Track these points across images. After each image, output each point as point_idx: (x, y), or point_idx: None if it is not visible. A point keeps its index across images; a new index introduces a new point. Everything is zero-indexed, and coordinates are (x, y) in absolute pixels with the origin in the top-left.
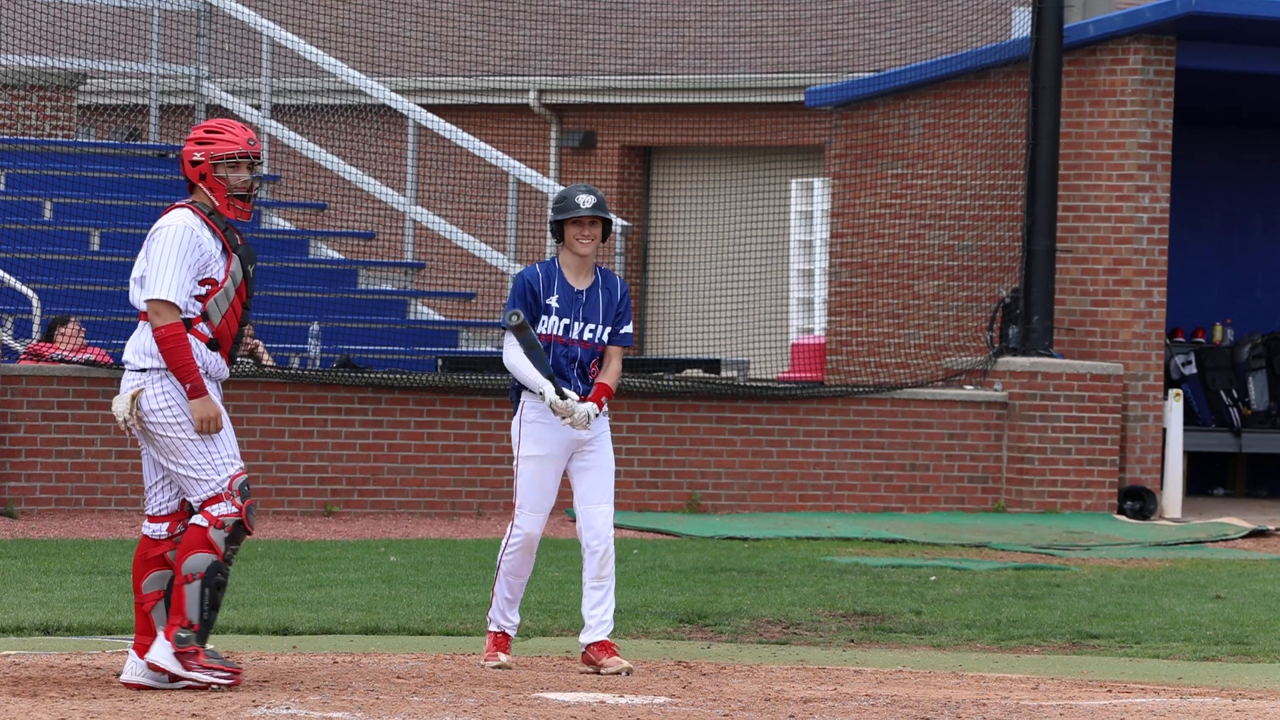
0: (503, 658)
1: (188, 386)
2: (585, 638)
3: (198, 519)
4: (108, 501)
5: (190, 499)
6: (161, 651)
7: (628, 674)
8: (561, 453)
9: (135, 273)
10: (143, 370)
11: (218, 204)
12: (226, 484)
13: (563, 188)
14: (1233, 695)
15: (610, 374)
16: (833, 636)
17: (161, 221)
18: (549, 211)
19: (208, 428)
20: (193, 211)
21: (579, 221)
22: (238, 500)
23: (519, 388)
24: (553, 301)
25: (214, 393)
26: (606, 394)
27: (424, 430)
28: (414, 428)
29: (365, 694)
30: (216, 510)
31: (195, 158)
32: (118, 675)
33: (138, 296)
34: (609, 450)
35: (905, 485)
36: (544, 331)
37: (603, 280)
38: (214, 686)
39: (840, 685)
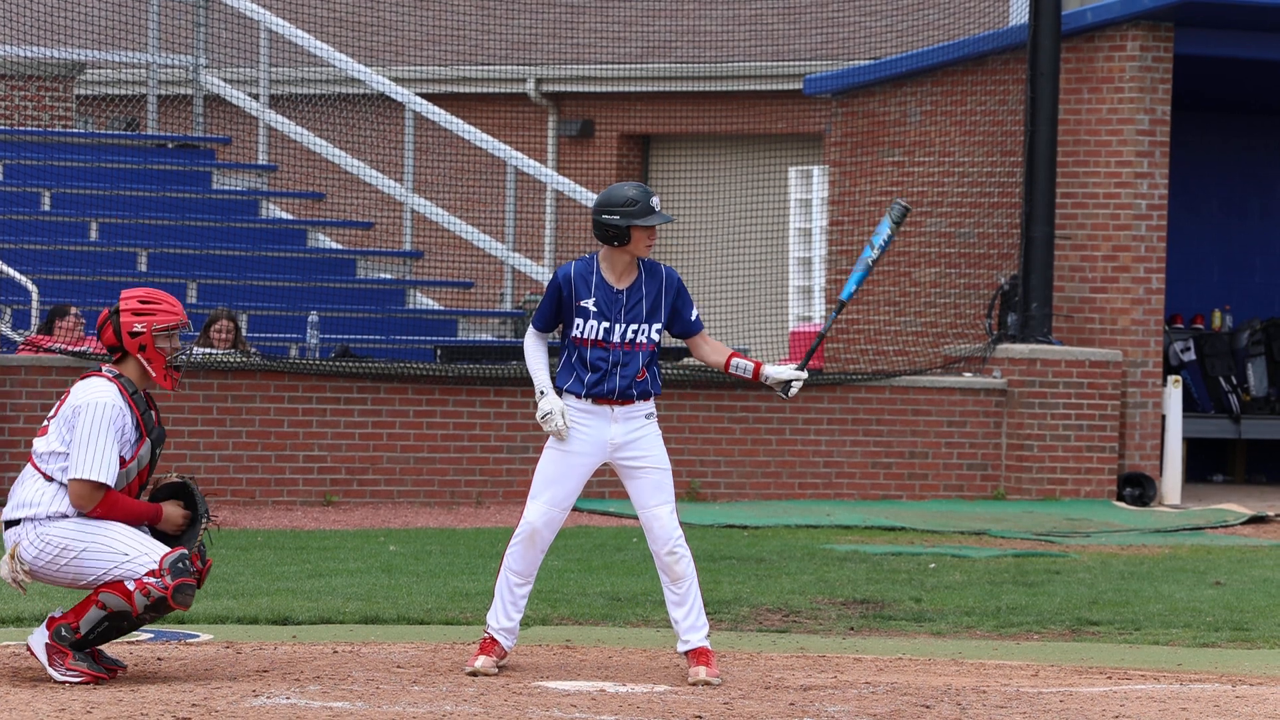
0: (480, 661)
1: (149, 515)
2: (679, 647)
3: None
4: None
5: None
6: (39, 639)
7: (705, 685)
8: (591, 451)
9: (48, 442)
10: (15, 523)
11: (155, 375)
12: (156, 562)
13: (622, 186)
14: (1232, 681)
15: (721, 348)
16: (832, 624)
17: (88, 396)
18: (600, 209)
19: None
20: (119, 389)
21: (649, 226)
22: (168, 579)
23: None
24: (589, 304)
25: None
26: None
27: (423, 419)
28: (413, 417)
29: (365, 683)
30: (150, 580)
31: (136, 329)
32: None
33: (50, 466)
34: (659, 450)
35: (904, 473)
36: (580, 335)
37: (646, 274)
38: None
39: (840, 673)
